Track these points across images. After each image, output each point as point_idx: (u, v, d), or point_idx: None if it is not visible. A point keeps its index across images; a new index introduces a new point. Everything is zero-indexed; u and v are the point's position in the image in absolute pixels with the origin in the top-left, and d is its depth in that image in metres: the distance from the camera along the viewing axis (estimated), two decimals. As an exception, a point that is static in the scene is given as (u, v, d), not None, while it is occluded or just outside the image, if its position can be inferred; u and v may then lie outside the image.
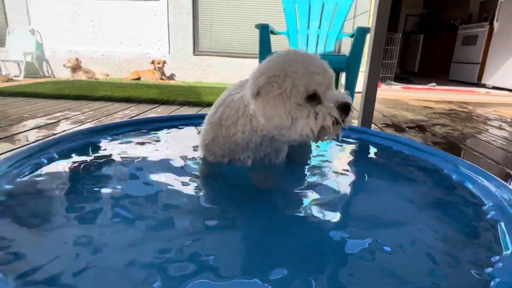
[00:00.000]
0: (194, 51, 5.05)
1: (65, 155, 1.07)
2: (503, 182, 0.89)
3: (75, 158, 1.09)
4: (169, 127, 1.51)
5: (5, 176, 0.85)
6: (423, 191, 1.04)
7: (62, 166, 1.01)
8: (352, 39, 3.07)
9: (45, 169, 0.98)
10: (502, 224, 0.74)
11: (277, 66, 0.85)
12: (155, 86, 4.18)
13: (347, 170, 1.18)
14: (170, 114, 2.74)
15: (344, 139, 1.45)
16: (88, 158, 1.11)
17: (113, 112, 2.73)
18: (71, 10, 4.96)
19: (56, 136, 1.24)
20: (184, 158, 1.16)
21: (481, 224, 0.78)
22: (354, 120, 2.11)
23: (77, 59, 4.86)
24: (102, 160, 1.11)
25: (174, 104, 3.13)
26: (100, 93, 3.36)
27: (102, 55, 5.13)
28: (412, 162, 1.24)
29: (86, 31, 5.05)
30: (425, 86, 5.77)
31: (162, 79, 4.94)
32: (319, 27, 3.94)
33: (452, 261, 0.66)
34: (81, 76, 4.88)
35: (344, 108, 0.82)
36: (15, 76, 4.84)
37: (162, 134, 1.48)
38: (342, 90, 0.89)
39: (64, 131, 2.05)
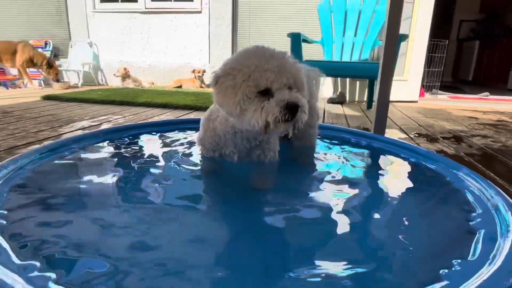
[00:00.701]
0: (232, 61, 5.24)
1: (84, 150, 1.22)
2: (500, 190, 0.84)
3: (93, 153, 1.24)
4: (181, 129, 1.62)
5: (31, 163, 1.00)
6: (416, 196, 1.02)
7: (80, 158, 1.15)
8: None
9: (65, 160, 1.13)
10: (482, 232, 0.70)
11: (236, 60, 0.92)
12: (193, 93, 4.41)
13: (346, 173, 1.18)
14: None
15: (352, 144, 1.45)
16: (103, 153, 1.25)
17: (150, 117, 2.95)
18: (124, 24, 5.44)
19: (80, 134, 1.40)
20: (188, 155, 1.25)
21: (464, 230, 0.76)
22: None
23: (125, 69, 5.31)
24: (114, 155, 1.24)
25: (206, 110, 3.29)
26: (142, 99, 3.63)
27: (149, 64, 5.54)
28: (413, 168, 1.21)
29: (136, 43, 5.50)
30: (476, 96, 5.35)
31: (201, 87, 5.19)
32: (355, 35, 3.88)
33: (417, 264, 0.65)
34: (129, 84, 5.31)
35: (290, 108, 0.86)
36: (75, 84, 5.42)
37: (173, 134, 1.59)
38: (296, 93, 0.92)
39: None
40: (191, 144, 1.41)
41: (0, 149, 1.77)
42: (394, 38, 1.37)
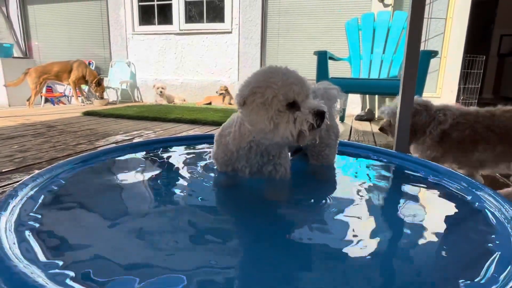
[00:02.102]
0: (261, 78, 5.36)
1: (113, 162, 1.32)
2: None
3: (120, 164, 1.33)
4: (205, 143, 1.69)
5: (64, 172, 1.10)
6: (434, 216, 0.98)
7: (108, 169, 1.24)
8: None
9: (95, 171, 1.23)
10: (498, 254, 0.67)
11: (260, 79, 0.97)
12: (221, 110, 4.54)
13: (362, 190, 1.17)
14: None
15: (371, 161, 1.43)
16: (129, 165, 1.33)
17: (179, 132, 3.08)
18: (160, 45, 5.79)
19: (110, 146, 1.51)
20: (208, 169, 1.30)
21: (480, 252, 0.73)
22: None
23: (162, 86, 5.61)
24: (138, 167, 1.32)
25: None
26: (172, 116, 3.80)
27: (181, 82, 5.81)
28: (432, 187, 1.17)
29: (170, 62, 5.81)
30: (518, 114, 5.02)
31: (230, 103, 5.33)
32: (383, 52, 3.85)
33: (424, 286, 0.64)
34: (163, 101, 5.58)
35: (319, 115, 0.92)
36: (113, 101, 5.79)
37: (197, 148, 1.66)
38: (318, 100, 0.98)
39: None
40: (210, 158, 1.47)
41: (43, 160, 1.94)
42: (415, 54, 1.36)
